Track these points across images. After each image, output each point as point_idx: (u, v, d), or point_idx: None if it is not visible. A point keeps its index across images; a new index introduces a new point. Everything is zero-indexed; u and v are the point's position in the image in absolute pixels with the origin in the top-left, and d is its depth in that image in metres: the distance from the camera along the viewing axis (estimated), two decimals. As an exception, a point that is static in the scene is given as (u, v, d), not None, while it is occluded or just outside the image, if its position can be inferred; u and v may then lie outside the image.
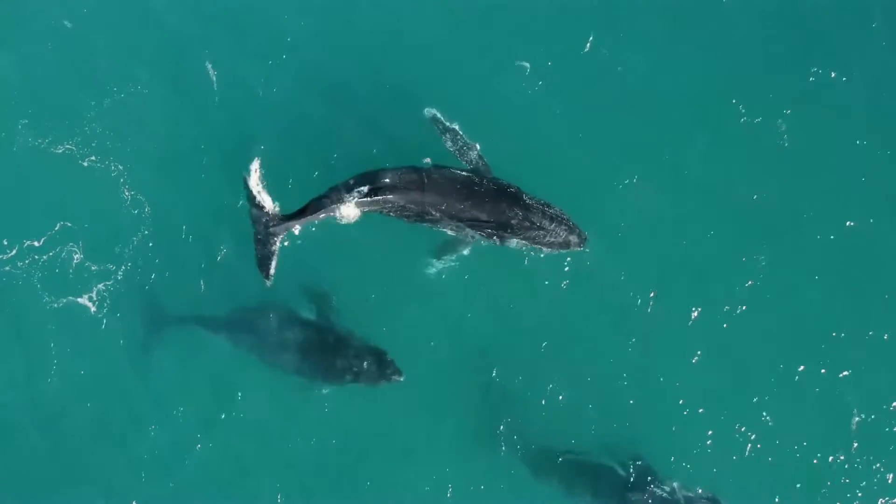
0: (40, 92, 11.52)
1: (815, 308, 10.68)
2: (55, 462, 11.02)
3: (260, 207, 10.02)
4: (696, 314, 10.65)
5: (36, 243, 11.18)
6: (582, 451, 10.49)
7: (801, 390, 10.51)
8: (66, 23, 11.64)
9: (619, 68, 11.22)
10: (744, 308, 10.65)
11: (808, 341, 10.60)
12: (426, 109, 10.60)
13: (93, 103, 11.44)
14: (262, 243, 10.12)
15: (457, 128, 10.43)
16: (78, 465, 10.99)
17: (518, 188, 10.11)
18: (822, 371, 10.56)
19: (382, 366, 10.29)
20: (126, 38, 11.66)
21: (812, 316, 10.68)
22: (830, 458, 10.35)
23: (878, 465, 10.39)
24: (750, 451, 10.42)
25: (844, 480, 10.34)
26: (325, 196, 9.98)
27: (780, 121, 11.05)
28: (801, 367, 10.56)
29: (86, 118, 11.39)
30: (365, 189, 9.83)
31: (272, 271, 10.18)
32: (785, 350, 10.59)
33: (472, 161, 10.31)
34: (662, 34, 11.40)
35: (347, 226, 10.29)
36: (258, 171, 10.36)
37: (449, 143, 10.40)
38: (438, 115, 10.51)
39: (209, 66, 11.48)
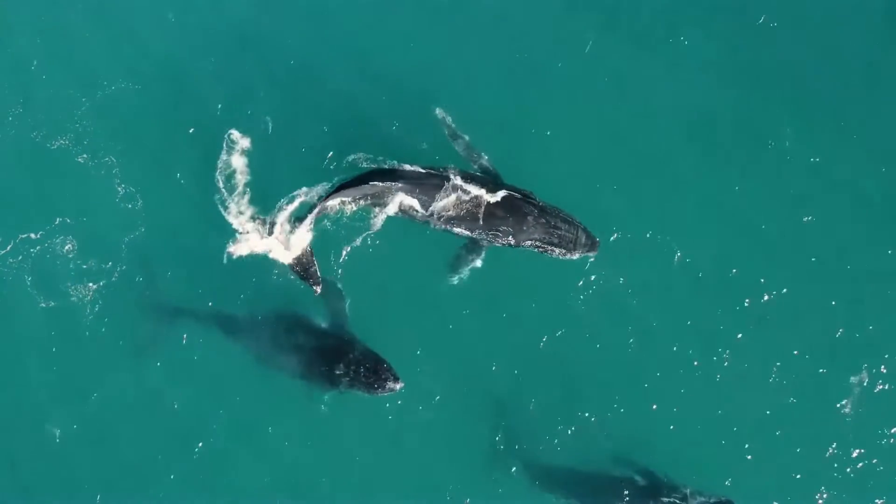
0: (32, 87, 11.37)
1: (827, 310, 10.67)
2: (50, 462, 10.87)
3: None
4: (704, 316, 10.65)
5: (33, 235, 11.03)
6: (594, 460, 10.45)
7: (813, 392, 10.51)
8: (58, 19, 11.50)
9: (626, 76, 11.22)
10: (755, 313, 10.64)
11: (819, 343, 10.60)
12: (437, 109, 10.60)
13: (84, 99, 11.30)
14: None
15: (467, 138, 10.47)
16: (74, 465, 10.85)
17: (532, 192, 10.15)
18: (834, 373, 10.56)
19: (380, 373, 10.12)
20: (118, 32, 11.48)
21: (824, 317, 10.66)
22: (843, 458, 10.38)
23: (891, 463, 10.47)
24: (762, 453, 10.42)
25: (857, 480, 10.37)
26: (331, 193, 10.04)
27: (784, 123, 11.03)
28: (813, 370, 10.56)
29: (77, 114, 11.24)
30: (383, 180, 9.91)
31: (318, 278, 10.21)
32: (797, 352, 10.60)
33: (482, 167, 10.36)
34: (667, 36, 11.37)
35: (357, 233, 10.36)
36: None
37: (460, 149, 10.45)
38: (448, 118, 10.53)
39: (207, 62, 11.35)
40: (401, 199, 10.00)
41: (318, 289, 10.16)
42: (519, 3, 11.47)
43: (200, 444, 10.64)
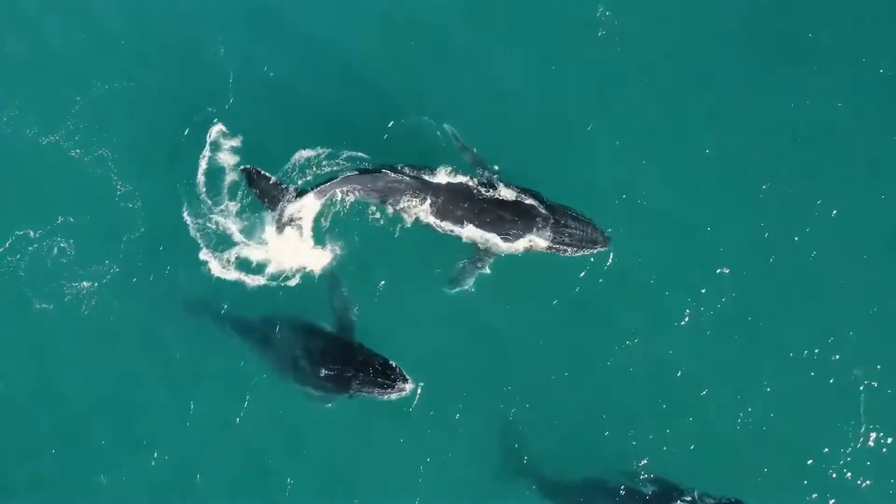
0: (28, 86, 11.26)
1: (839, 306, 10.68)
2: (54, 462, 10.92)
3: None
4: (709, 318, 10.66)
5: (31, 233, 10.93)
6: (600, 465, 10.47)
7: (824, 389, 10.54)
8: (49, 18, 11.34)
9: (630, 74, 11.17)
10: (763, 311, 10.67)
11: (832, 339, 10.61)
12: (445, 125, 10.49)
13: (78, 98, 11.16)
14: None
15: (475, 151, 10.38)
16: (81, 466, 10.91)
17: (539, 192, 10.10)
18: (843, 372, 10.58)
19: (389, 373, 10.00)
20: (117, 30, 11.32)
21: (837, 313, 10.68)
22: (850, 457, 10.43)
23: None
24: (768, 453, 10.46)
25: (869, 477, 10.41)
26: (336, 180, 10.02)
27: (797, 107, 11.00)
28: (820, 369, 10.58)
29: (71, 112, 11.11)
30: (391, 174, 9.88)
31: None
32: (805, 351, 10.62)
33: (491, 174, 10.28)
34: (675, 31, 11.28)
35: (361, 236, 10.42)
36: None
37: (469, 160, 10.39)
38: (457, 133, 10.43)
39: (207, 58, 11.21)
40: (405, 197, 9.96)
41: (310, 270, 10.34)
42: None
43: (205, 447, 10.70)
